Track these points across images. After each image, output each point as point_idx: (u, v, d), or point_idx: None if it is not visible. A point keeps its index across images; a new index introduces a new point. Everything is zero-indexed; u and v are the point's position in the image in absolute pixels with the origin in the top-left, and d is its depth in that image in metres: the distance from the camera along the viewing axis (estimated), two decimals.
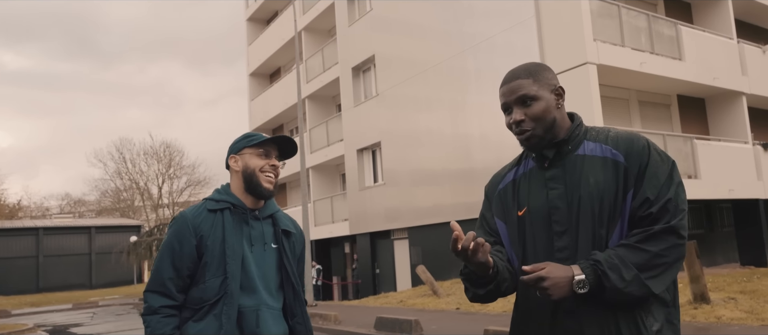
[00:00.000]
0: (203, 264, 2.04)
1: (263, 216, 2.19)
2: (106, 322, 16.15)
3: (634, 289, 1.53)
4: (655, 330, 1.59)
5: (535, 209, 1.73)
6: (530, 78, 1.74)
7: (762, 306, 7.37)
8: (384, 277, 18.15)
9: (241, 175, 2.15)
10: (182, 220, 2.09)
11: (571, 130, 1.74)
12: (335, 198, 20.80)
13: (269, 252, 2.16)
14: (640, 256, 1.54)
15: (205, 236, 2.06)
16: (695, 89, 14.65)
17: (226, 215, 2.10)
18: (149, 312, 2.04)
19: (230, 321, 2.01)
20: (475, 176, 14.28)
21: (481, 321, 8.74)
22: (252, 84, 27.48)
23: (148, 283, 2.06)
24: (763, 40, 17.38)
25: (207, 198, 2.18)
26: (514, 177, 1.85)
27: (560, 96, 1.75)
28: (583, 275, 1.54)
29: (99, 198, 51.52)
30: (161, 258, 2.07)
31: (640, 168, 1.63)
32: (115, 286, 36.70)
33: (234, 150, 2.20)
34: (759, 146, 14.58)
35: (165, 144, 59.06)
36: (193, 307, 2.04)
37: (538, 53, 12.66)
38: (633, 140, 1.67)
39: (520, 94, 1.73)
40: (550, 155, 1.74)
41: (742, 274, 11.67)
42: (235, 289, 2.02)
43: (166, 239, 2.09)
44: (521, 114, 1.73)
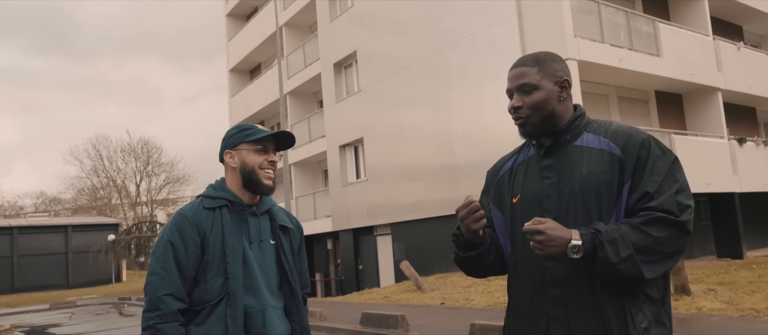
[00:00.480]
0: (204, 263, 1.97)
1: (261, 212, 2.13)
2: (85, 322, 15.88)
3: (626, 268, 1.52)
4: (644, 328, 1.59)
5: (529, 197, 1.75)
6: (536, 67, 1.77)
7: (741, 296, 7.55)
8: (367, 273, 18.16)
9: (239, 172, 2.09)
10: (183, 218, 2.01)
11: (570, 121, 1.76)
12: (318, 195, 20.74)
13: (268, 249, 2.11)
14: (641, 238, 1.54)
15: (207, 234, 1.99)
16: (673, 85, 14.92)
17: (224, 213, 2.04)
18: (166, 318, 1.89)
19: (236, 323, 1.94)
20: (457, 172, 14.35)
21: (467, 315, 8.79)
22: (232, 80, 27.20)
23: (156, 287, 1.91)
24: (737, 37, 17.76)
25: (203, 196, 2.10)
26: (512, 166, 1.88)
27: (564, 88, 1.77)
28: (580, 241, 1.54)
29: (75, 197, 50.69)
30: (163, 259, 1.95)
31: (638, 162, 1.63)
32: (93, 286, 36.10)
33: (230, 145, 2.12)
34: (734, 141, 14.91)
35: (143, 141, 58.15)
36: (194, 309, 1.95)
37: (519, 49, 12.75)
38: (632, 134, 1.68)
39: (522, 81, 1.76)
40: (547, 144, 1.76)
41: (720, 266, 11.94)
42: (238, 290, 1.96)
43: (165, 239, 1.98)
44: (520, 101, 1.76)
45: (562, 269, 1.64)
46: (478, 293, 10.96)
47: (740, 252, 14.33)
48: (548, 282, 1.67)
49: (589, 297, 1.61)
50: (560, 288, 1.64)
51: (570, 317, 1.63)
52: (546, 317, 1.67)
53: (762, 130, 18.96)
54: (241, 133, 2.12)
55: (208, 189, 2.13)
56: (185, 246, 1.96)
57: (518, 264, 1.77)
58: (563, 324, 1.64)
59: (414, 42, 15.83)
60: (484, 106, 13.64)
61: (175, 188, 49.46)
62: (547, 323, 1.67)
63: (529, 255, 1.71)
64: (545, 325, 1.67)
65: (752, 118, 18.38)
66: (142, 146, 48.45)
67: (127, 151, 48.30)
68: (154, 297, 1.90)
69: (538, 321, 1.69)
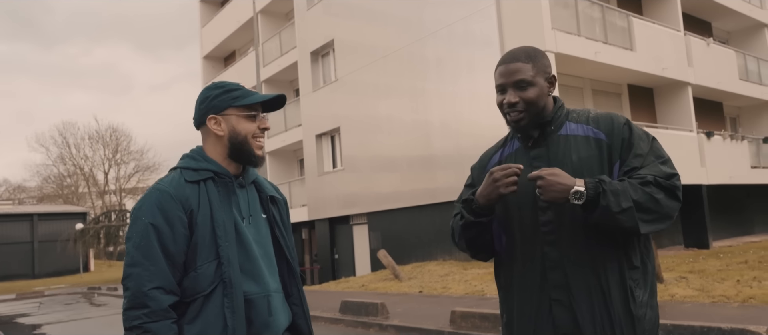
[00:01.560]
0: (193, 247, 1.67)
1: (248, 183, 1.87)
2: (55, 312, 15.53)
3: (625, 219, 1.58)
4: (644, 301, 1.67)
5: (521, 187, 1.77)
6: (530, 63, 1.79)
7: (711, 284, 7.80)
8: (343, 262, 18.17)
9: (227, 141, 1.79)
10: (164, 195, 1.69)
11: (553, 112, 1.81)
12: (293, 184, 20.61)
13: (261, 224, 1.85)
14: (641, 195, 1.60)
15: (194, 211, 1.69)
16: (645, 79, 15.24)
17: (209, 186, 1.74)
18: (156, 316, 1.59)
19: (236, 316, 1.66)
20: (434, 163, 14.42)
21: (445, 303, 8.88)
22: (206, 67, 26.75)
23: (140, 280, 1.60)
24: (707, 33, 18.22)
25: (181, 168, 1.79)
26: (500, 159, 1.91)
27: (552, 84, 1.82)
28: (583, 188, 1.59)
29: (41, 185, 49.38)
30: (145, 246, 1.63)
31: (622, 143, 1.71)
32: (60, 276, 35.29)
33: (215, 108, 1.79)
34: (703, 134, 15.34)
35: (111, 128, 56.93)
36: (183, 301, 1.66)
37: (497, 41, 12.84)
38: (613, 119, 1.77)
39: (518, 77, 1.77)
40: (535, 135, 1.80)
41: (688, 256, 12.32)
42: (235, 276, 1.68)
43: (145, 222, 1.65)
44: (516, 96, 1.77)
45: (560, 253, 1.69)
46: (456, 282, 11.07)
47: (707, 243, 14.79)
48: (548, 266, 1.70)
49: (591, 278, 1.66)
50: (560, 270, 1.68)
51: (572, 299, 1.67)
52: (548, 300, 1.70)
53: (728, 125, 19.56)
54: (228, 94, 1.80)
55: (185, 159, 1.82)
56: (171, 228, 1.65)
57: (516, 252, 1.79)
58: (566, 307, 1.67)
59: (392, 32, 15.79)
60: (462, 98, 13.72)
61: (144, 177, 48.56)
62: (549, 305, 1.70)
63: (528, 241, 1.75)
64: (548, 307, 1.70)
65: (719, 112, 18.94)
66: (110, 133, 47.49)
67: (95, 138, 47.28)
68: (139, 293, 1.58)
69: (541, 304, 1.72)
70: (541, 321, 1.72)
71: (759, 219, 19.22)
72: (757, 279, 8.03)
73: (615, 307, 1.64)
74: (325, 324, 8.91)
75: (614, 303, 1.64)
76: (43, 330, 11.51)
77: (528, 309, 1.75)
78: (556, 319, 1.69)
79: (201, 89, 1.90)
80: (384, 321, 8.08)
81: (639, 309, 1.64)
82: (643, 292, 1.67)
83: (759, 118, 19.75)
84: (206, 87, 1.86)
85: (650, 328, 1.66)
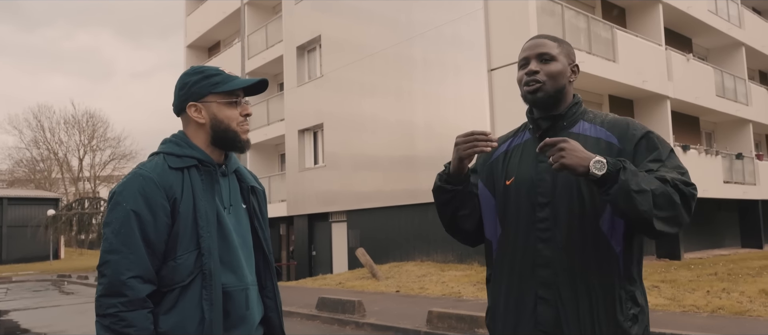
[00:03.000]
0: (174, 236, 1.63)
1: (230, 171, 1.82)
2: (22, 298, 15.20)
3: (641, 200, 1.50)
4: (633, 314, 1.64)
5: (523, 180, 1.77)
6: (555, 42, 1.82)
7: (682, 293, 7.98)
8: (320, 260, 18.11)
9: (209, 128, 1.74)
10: (148, 181, 1.63)
11: (568, 107, 1.79)
12: (273, 179, 20.48)
13: (241, 214, 1.80)
14: (659, 189, 1.54)
15: (178, 200, 1.64)
16: (625, 90, 15.49)
17: (193, 174, 1.69)
18: (133, 306, 1.54)
19: (214, 308, 1.62)
20: (417, 164, 14.47)
21: (422, 303, 8.93)
22: (189, 56, 26.42)
23: (118, 268, 1.55)
24: (687, 48, 18.60)
25: (164, 153, 1.73)
26: (507, 149, 1.89)
27: (575, 72, 1.82)
28: (605, 160, 1.53)
29: (12, 168, 48.15)
30: (125, 234, 1.58)
31: (637, 149, 1.67)
32: (29, 262, 34.51)
33: (195, 95, 1.74)
34: (679, 148, 15.65)
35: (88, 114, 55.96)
36: (160, 290, 1.61)
37: (484, 45, 12.95)
38: (629, 124, 1.73)
39: (542, 50, 1.79)
40: (544, 126, 1.79)
41: (660, 266, 12.57)
42: (214, 267, 1.64)
43: (126, 208, 1.59)
44: (538, 66, 1.77)
45: (553, 252, 1.67)
46: (433, 282, 11.13)
47: (678, 254, 15.09)
48: (539, 263, 1.69)
49: (580, 281, 1.64)
50: (550, 269, 1.67)
51: (558, 298, 1.65)
52: (534, 297, 1.69)
53: (704, 139, 19.99)
54: (208, 80, 1.75)
55: (167, 144, 1.76)
56: (153, 215, 1.60)
57: (509, 245, 1.78)
58: (551, 305, 1.66)
59: (380, 30, 15.80)
60: (446, 100, 13.79)
61: (120, 165, 47.72)
62: (534, 303, 1.68)
63: (522, 235, 1.74)
64: (533, 305, 1.69)
65: (696, 127, 19.34)
66: (87, 119, 46.58)
67: (70, 123, 46.32)
68: (116, 281, 1.53)
69: (526, 301, 1.70)
70: (524, 315, 1.71)
71: (728, 233, 19.69)
72: (726, 290, 8.23)
73: (600, 315, 1.62)
74: (301, 321, 8.88)
75: (600, 311, 1.62)
76: (9, 317, 11.25)
77: (513, 301, 1.74)
78: (539, 316, 1.67)
79: None
80: (360, 319, 8.08)
81: (626, 321, 1.62)
82: (633, 306, 1.64)
83: (733, 134, 20.23)
84: (185, 73, 1.80)
85: None
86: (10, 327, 9.88)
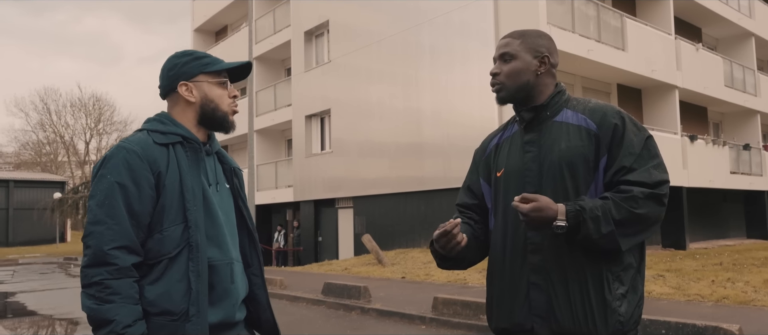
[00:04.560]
0: (160, 209, 1.66)
1: (213, 151, 1.87)
2: (29, 280, 15.35)
3: (605, 243, 1.62)
4: (620, 293, 1.68)
5: (511, 170, 1.83)
6: (519, 39, 1.86)
7: (687, 283, 8.01)
8: (326, 245, 18.21)
9: (199, 107, 1.80)
10: (132, 154, 1.66)
11: (550, 97, 1.83)
12: (280, 164, 20.54)
13: (225, 192, 1.86)
14: (624, 213, 1.62)
15: (162, 173, 1.68)
16: (634, 79, 15.42)
17: (178, 150, 1.73)
18: (119, 274, 1.57)
19: (200, 280, 1.66)
20: (423, 151, 14.48)
21: (428, 289, 8.99)
22: (196, 40, 26.39)
23: (101, 238, 1.58)
24: (697, 38, 18.46)
25: (148, 130, 1.76)
26: (498, 142, 1.96)
27: (544, 63, 1.84)
28: (564, 221, 1.62)
29: (18, 151, 48.41)
30: (110, 204, 1.60)
31: (613, 138, 1.71)
32: (35, 244, 34.84)
33: (186, 75, 1.80)
34: (687, 137, 15.60)
35: (95, 97, 56.06)
36: (147, 263, 1.64)
37: (492, 33, 12.88)
38: (606, 111, 1.77)
39: (504, 50, 1.86)
40: (527, 118, 1.84)
41: (665, 255, 12.59)
42: (201, 240, 1.68)
43: (110, 180, 1.62)
44: (498, 68, 1.86)
45: (542, 238, 1.73)
46: (439, 269, 11.18)
47: (684, 244, 15.11)
48: (530, 250, 1.75)
49: (569, 265, 1.69)
50: (540, 255, 1.72)
51: (550, 283, 1.70)
52: (526, 282, 1.74)
53: (711, 130, 19.91)
54: (198, 61, 1.81)
55: (151, 122, 1.79)
56: (138, 188, 1.63)
57: (502, 233, 1.84)
58: (542, 290, 1.71)
59: (388, 16, 15.74)
60: (454, 87, 13.76)
61: None
62: (527, 288, 1.74)
63: (511, 225, 1.79)
64: (526, 290, 1.74)
65: (703, 117, 19.26)
66: (93, 102, 46.66)
67: (77, 106, 46.44)
68: (100, 251, 1.56)
69: (519, 286, 1.76)
70: (518, 301, 1.76)
71: (734, 224, 19.67)
72: (730, 280, 8.26)
73: (590, 296, 1.67)
74: (306, 305, 8.96)
75: (590, 293, 1.67)
76: (16, 299, 11.37)
77: (508, 289, 1.79)
78: (532, 301, 1.73)
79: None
80: (366, 304, 8.15)
81: (615, 301, 1.66)
82: (621, 286, 1.68)
83: (741, 125, 20.13)
84: (172, 55, 1.85)
85: (626, 321, 1.67)
86: (17, 309, 10.00)
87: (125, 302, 1.56)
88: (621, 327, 1.67)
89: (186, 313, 1.64)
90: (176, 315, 1.63)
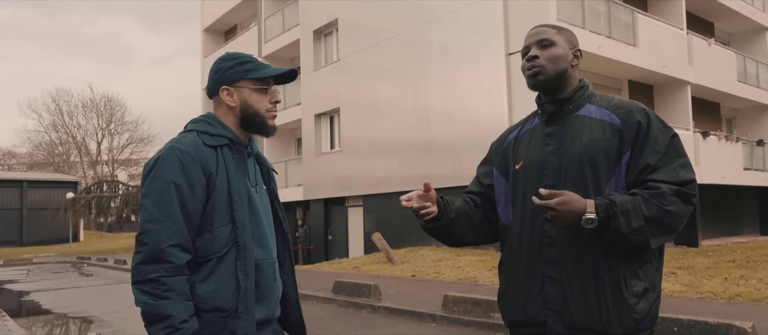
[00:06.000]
0: (209, 209, 1.71)
1: (253, 153, 1.92)
2: (43, 279, 15.54)
3: (636, 238, 1.60)
4: (637, 291, 1.66)
5: (531, 163, 1.82)
6: (555, 29, 1.87)
7: (699, 280, 7.94)
8: (336, 244, 18.25)
9: (239, 112, 1.83)
10: (186, 155, 1.70)
11: (573, 91, 1.83)
12: (290, 163, 20.60)
13: (264, 194, 1.91)
14: (654, 210, 1.60)
15: (213, 174, 1.72)
16: (645, 75, 15.29)
17: (225, 152, 1.78)
18: (174, 271, 1.61)
19: (248, 278, 1.72)
20: (432, 149, 14.46)
21: (438, 287, 8.98)
22: (206, 40, 26.52)
23: (158, 236, 1.62)
24: (708, 33, 18.27)
25: (198, 131, 1.79)
26: (517, 134, 1.95)
27: (577, 57, 1.87)
28: (594, 214, 1.60)
29: (31, 151, 49.01)
30: (165, 204, 1.64)
31: (638, 134, 1.70)
32: (49, 244, 35.23)
33: (228, 80, 1.83)
34: (699, 134, 15.45)
35: (106, 97, 56.58)
36: (196, 261, 1.69)
37: (502, 29, 12.83)
38: (631, 108, 1.76)
39: (542, 37, 1.85)
40: (550, 110, 1.83)
41: (677, 253, 12.48)
42: (248, 240, 1.73)
43: (166, 180, 1.66)
44: (538, 52, 1.84)
45: (559, 231, 1.71)
46: (449, 267, 11.18)
47: (696, 241, 14.97)
48: (546, 243, 1.74)
49: (586, 259, 1.67)
50: (557, 248, 1.71)
51: (565, 277, 1.69)
52: (541, 276, 1.73)
53: (724, 125, 19.70)
54: (241, 66, 1.83)
55: (199, 124, 1.83)
56: (191, 188, 1.68)
57: (518, 225, 1.83)
58: (557, 284, 1.70)
59: (397, 14, 15.72)
60: (464, 85, 13.72)
61: (138, 148, 48.31)
62: (542, 281, 1.73)
63: (529, 217, 1.78)
64: (540, 283, 1.74)
65: (716, 113, 19.06)
66: (105, 103, 47.07)
67: (89, 107, 46.88)
68: (157, 248, 1.60)
69: (534, 279, 1.75)
70: (532, 294, 1.75)
71: (747, 221, 19.46)
72: (744, 277, 8.17)
73: (606, 292, 1.65)
74: (317, 303, 8.99)
75: (606, 289, 1.65)
76: (31, 298, 11.52)
77: (523, 281, 1.79)
78: (547, 295, 1.72)
79: (202, 61, 1.93)
80: (376, 302, 8.16)
81: (631, 298, 1.64)
82: (639, 283, 1.66)
83: (754, 121, 19.90)
84: (220, 58, 1.88)
85: (641, 318, 1.65)
86: (31, 308, 10.13)
87: (180, 298, 1.61)
88: (636, 325, 1.65)
89: (235, 310, 1.69)
90: (226, 312, 1.69)
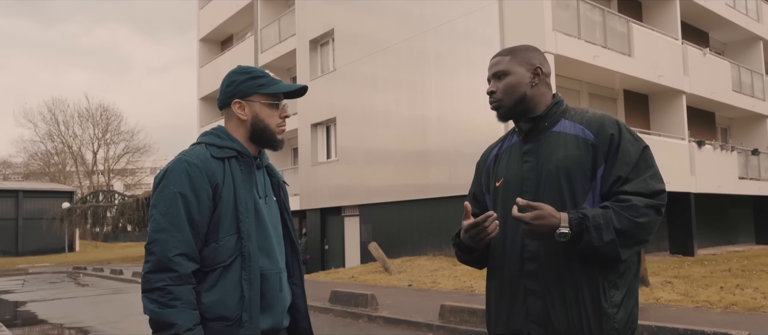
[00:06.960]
0: (216, 219, 1.75)
1: (263, 165, 1.96)
2: (39, 290, 15.44)
3: (606, 251, 1.64)
4: (616, 301, 1.70)
5: (510, 180, 1.86)
6: (509, 56, 1.90)
7: (695, 289, 7.95)
8: (333, 253, 18.21)
9: (249, 125, 1.87)
10: (193, 167, 1.74)
11: (548, 108, 1.87)
12: (286, 173, 20.58)
13: (272, 205, 1.94)
14: (625, 223, 1.64)
15: (219, 185, 1.76)
16: (641, 85, 15.38)
17: (233, 164, 1.82)
18: (180, 280, 1.65)
19: (253, 288, 1.75)
20: (429, 158, 14.48)
21: (434, 297, 8.97)
22: (202, 50, 26.57)
23: (166, 246, 1.66)
24: (704, 43, 18.39)
25: (206, 144, 1.84)
26: (498, 152, 1.99)
27: (537, 74, 1.88)
28: (567, 228, 1.64)
29: (27, 161, 48.84)
30: (172, 214, 1.69)
31: (610, 147, 1.73)
32: (44, 254, 35.00)
33: (241, 93, 1.86)
34: (694, 143, 15.51)
35: (102, 107, 56.56)
36: (202, 270, 1.73)
37: (498, 40, 12.90)
38: (604, 121, 1.79)
39: (496, 69, 1.90)
40: (526, 129, 1.88)
41: (673, 262, 12.50)
42: (253, 251, 1.77)
43: (173, 191, 1.71)
44: (494, 86, 1.90)
45: (539, 245, 1.75)
46: (445, 277, 11.16)
47: (692, 250, 15.00)
48: (527, 257, 1.77)
49: (565, 272, 1.71)
50: (537, 262, 1.75)
51: (546, 290, 1.73)
52: (524, 289, 1.77)
53: (719, 135, 19.79)
54: (254, 80, 1.87)
55: (209, 136, 1.88)
56: (197, 198, 1.72)
57: (499, 241, 1.86)
58: (539, 297, 1.74)
59: (392, 24, 15.80)
60: (459, 95, 13.77)
61: (134, 158, 48.24)
62: (524, 295, 1.77)
63: (510, 232, 1.82)
64: (523, 297, 1.77)
65: (711, 122, 19.16)
66: (100, 112, 47.01)
67: (84, 116, 46.79)
68: (164, 258, 1.65)
69: (517, 293, 1.79)
70: (515, 308, 1.78)
71: (743, 229, 19.51)
72: (739, 286, 8.19)
73: (586, 303, 1.69)
74: (314, 313, 8.94)
75: (585, 300, 1.69)
76: (27, 308, 11.44)
77: (505, 294, 1.82)
78: (529, 308, 1.75)
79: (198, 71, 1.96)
80: (373, 312, 8.14)
81: (610, 308, 1.68)
82: (617, 292, 1.70)
83: (749, 130, 20.00)
84: (233, 71, 1.92)
85: (622, 327, 1.69)
86: (28, 318, 10.05)
87: (186, 307, 1.65)
88: (616, 333, 1.69)
89: (240, 319, 1.73)
90: (231, 321, 1.72)
